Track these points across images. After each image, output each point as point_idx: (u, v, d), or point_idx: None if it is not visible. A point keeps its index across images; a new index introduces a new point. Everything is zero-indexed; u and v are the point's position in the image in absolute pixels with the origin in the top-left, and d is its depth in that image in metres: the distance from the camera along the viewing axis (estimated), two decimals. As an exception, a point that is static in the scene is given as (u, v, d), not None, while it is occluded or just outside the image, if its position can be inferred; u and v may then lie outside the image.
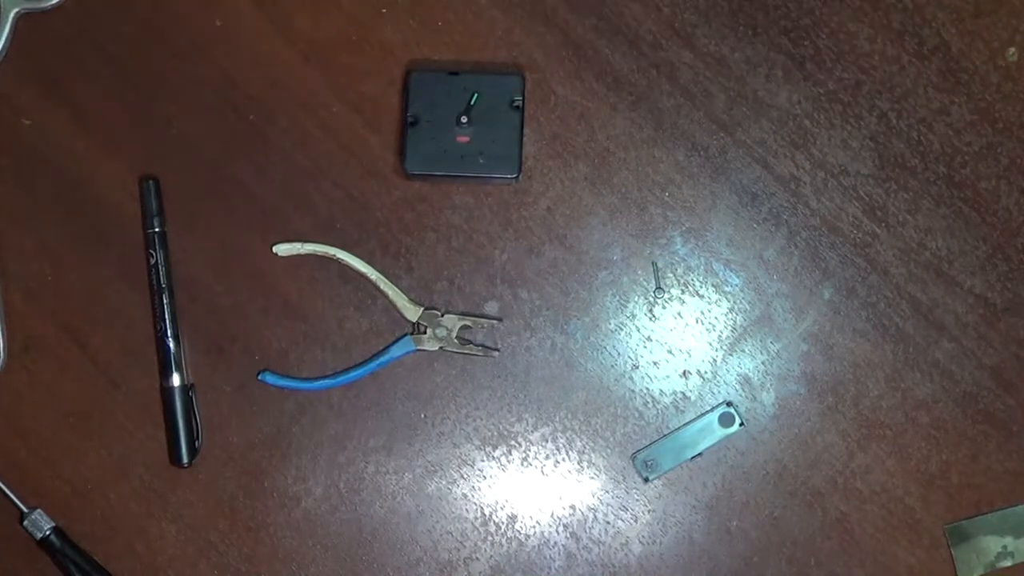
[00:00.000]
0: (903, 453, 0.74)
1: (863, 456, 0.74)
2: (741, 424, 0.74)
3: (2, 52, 0.75)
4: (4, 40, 0.75)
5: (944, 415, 0.74)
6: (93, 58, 0.76)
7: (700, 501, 0.74)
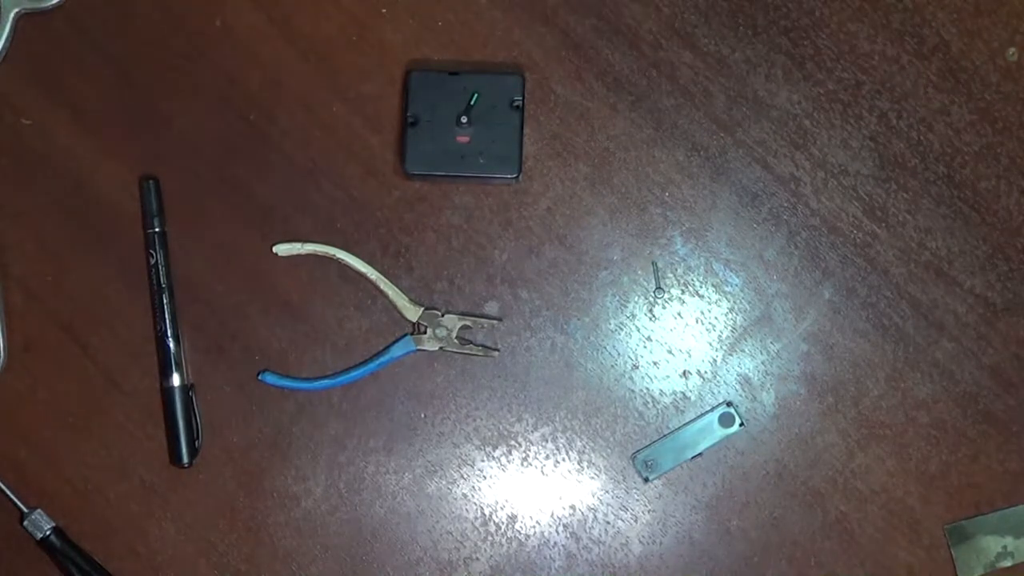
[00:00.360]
0: (903, 453, 0.74)
1: (863, 456, 0.74)
2: (741, 424, 0.74)
3: (2, 52, 0.75)
4: (4, 40, 0.75)
5: (944, 415, 0.74)
6: (93, 58, 0.76)
7: (700, 501, 0.74)
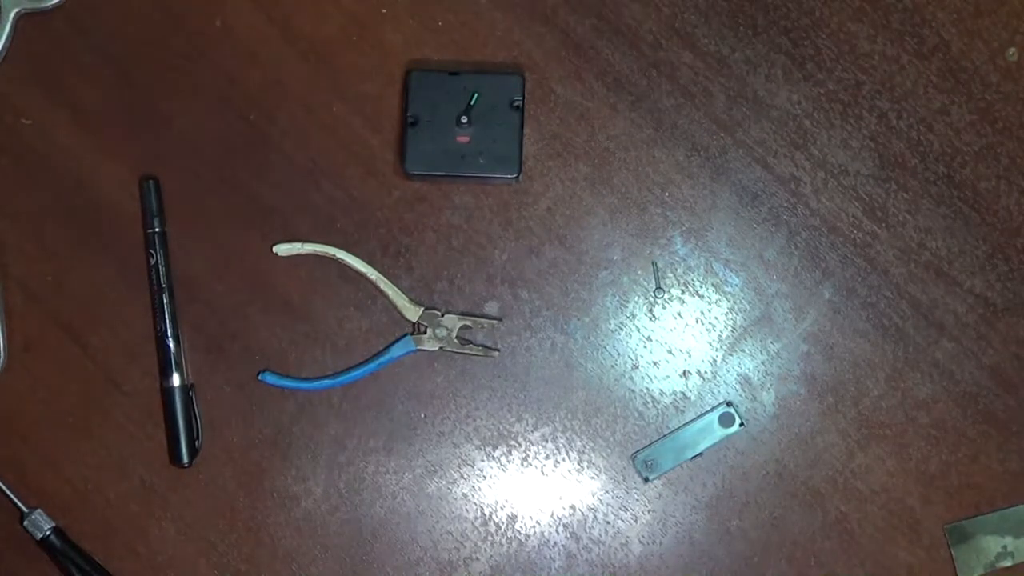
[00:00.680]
0: (903, 453, 0.74)
1: (863, 456, 0.74)
2: (741, 424, 0.74)
3: (2, 52, 0.75)
4: (4, 40, 0.75)
5: (944, 415, 0.74)
6: (93, 58, 0.76)
7: (700, 501, 0.74)
